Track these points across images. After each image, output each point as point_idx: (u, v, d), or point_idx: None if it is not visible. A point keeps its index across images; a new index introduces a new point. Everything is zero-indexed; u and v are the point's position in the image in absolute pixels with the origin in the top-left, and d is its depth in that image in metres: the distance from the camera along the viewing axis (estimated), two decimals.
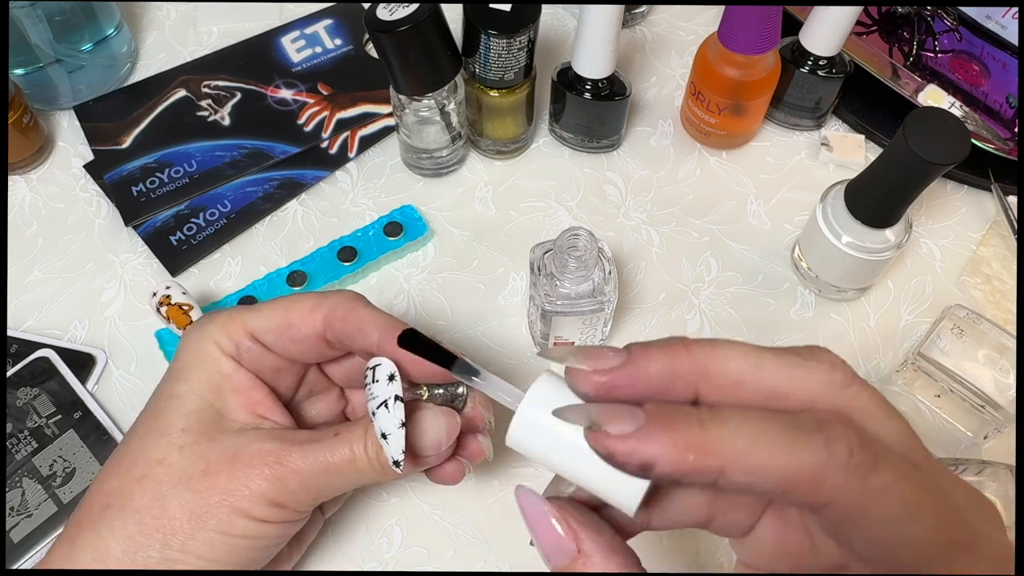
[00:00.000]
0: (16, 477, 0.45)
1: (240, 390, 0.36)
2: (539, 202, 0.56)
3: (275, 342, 0.36)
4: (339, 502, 0.41)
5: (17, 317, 0.51)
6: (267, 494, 0.33)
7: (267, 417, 0.36)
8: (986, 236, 0.55)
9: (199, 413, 0.35)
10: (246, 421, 0.35)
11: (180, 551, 0.32)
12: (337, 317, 0.36)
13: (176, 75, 0.61)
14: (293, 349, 0.37)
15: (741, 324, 0.51)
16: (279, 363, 0.37)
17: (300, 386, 0.39)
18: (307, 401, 0.40)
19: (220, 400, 0.35)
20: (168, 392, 0.35)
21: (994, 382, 0.45)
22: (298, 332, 0.36)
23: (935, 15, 0.59)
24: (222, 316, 0.37)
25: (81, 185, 0.57)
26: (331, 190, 0.57)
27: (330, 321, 0.36)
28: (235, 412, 0.35)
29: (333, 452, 0.34)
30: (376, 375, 0.33)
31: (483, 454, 0.38)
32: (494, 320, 0.51)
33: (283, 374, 0.38)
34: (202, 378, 0.35)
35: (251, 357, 0.36)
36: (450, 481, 0.37)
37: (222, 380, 0.35)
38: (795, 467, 0.23)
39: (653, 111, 0.60)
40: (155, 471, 0.33)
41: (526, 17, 0.48)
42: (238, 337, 0.36)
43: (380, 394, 0.33)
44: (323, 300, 0.36)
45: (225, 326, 0.36)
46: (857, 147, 0.58)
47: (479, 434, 0.37)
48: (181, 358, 0.36)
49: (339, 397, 0.41)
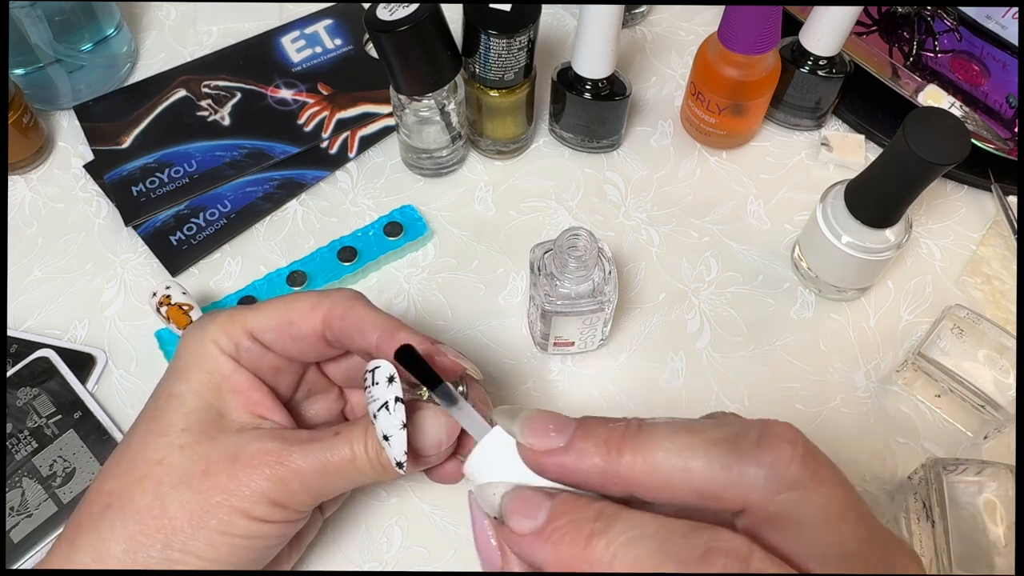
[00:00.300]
0: (16, 477, 0.45)
1: (239, 390, 0.36)
2: (539, 202, 0.56)
3: (275, 341, 0.36)
4: (338, 502, 0.41)
5: (17, 317, 0.51)
6: (268, 494, 0.33)
7: (266, 417, 0.36)
8: (986, 236, 0.55)
9: (199, 413, 0.35)
10: (246, 421, 0.35)
11: (181, 551, 0.32)
12: (336, 316, 0.36)
13: (176, 75, 0.61)
14: (293, 348, 0.37)
15: (741, 324, 0.51)
16: (278, 362, 0.37)
17: (299, 386, 0.39)
18: (306, 401, 0.40)
19: (220, 400, 0.35)
20: (168, 392, 0.35)
21: (994, 382, 0.45)
22: (298, 330, 0.36)
23: (935, 15, 0.59)
24: (221, 316, 0.37)
25: (81, 185, 0.57)
26: (331, 190, 0.57)
27: (329, 320, 0.36)
28: (235, 412, 0.35)
29: (333, 452, 0.34)
30: (376, 377, 0.33)
31: None
32: (494, 320, 0.51)
33: (282, 374, 0.38)
34: (202, 378, 0.35)
35: (250, 356, 0.36)
36: (449, 480, 0.37)
37: (221, 380, 0.35)
38: (696, 493, 0.25)
39: (653, 111, 0.60)
40: (155, 471, 0.33)
41: (526, 17, 0.48)
42: (237, 336, 0.36)
43: (380, 396, 0.33)
44: (323, 298, 0.36)
45: (224, 326, 0.36)
46: (857, 147, 0.58)
47: None
48: (181, 358, 0.36)
49: (338, 397, 0.41)
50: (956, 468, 0.43)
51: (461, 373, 0.37)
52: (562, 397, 0.49)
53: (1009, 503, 0.41)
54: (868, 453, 0.47)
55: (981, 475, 0.42)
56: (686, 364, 0.50)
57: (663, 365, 0.50)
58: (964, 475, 0.43)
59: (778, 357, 0.50)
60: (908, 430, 0.48)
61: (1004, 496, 0.42)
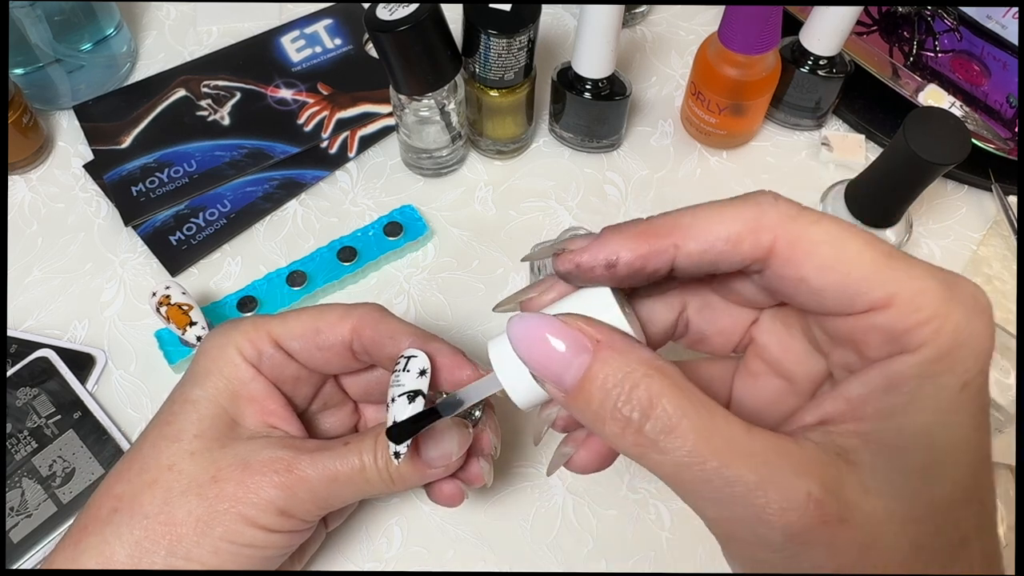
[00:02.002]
0: (16, 477, 0.45)
1: (256, 398, 0.36)
2: (539, 202, 0.56)
3: (300, 350, 0.36)
4: (343, 515, 0.41)
5: (17, 317, 0.51)
6: (275, 502, 0.33)
7: (279, 427, 0.36)
8: (986, 236, 0.55)
9: (212, 419, 0.35)
10: (258, 430, 0.35)
11: (185, 558, 0.32)
12: (367, 325, 0.36)
13: (176, 75, 0.61)
14: (318, 357, 0.36)
15: None
16: (299, 372, 0.37)
17: (316, 398, 0.39)
18: (321, 413, 0.40)
19: (235, 407, 0.35)
20: (184, 397, 0.35)
21: (994, 382, 0.45)
22: (325, 340, 0.36)
23: (935, 15, 0.59)
24: (246, 322, 0.36)
25: (81, 185, 0.57)
26: (331, 190, 0.57)
27: (359, 330, 0.36)
28: (248, 420, 0.35)
29: (343, 461, 0.34)
30: (408, 365, 0.34)
31: (482, 479, 0.37)
32: (494, 320, 0.51)
33: (301, 384, 0.38)
34: (219, 384, 0.35)
35: (272, 364, 0.36)
36: (447, 502, 0.37)
37: (239, 387, 0.35)
38: (737, 220, 0.25)
39: (653, 111, 0.60)
40: (165, 477, 0.33)
41: (526, 17, 0.48)
42: (261, 344, 0.36)
43: (407, 383, 0.33)
44: (352, 310, 0.36)
45: (249, 332, 0.36)
46: (857, 147, 0.58)
47: (481, 458, 0.37)
48: (201, 363, 0.36)
49: (353, 411, 0.41)
50: None
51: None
52: None
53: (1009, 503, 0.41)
54: None
55: None
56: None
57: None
58: None
59: None
60: None
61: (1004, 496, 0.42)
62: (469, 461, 0.37)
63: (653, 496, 0.46)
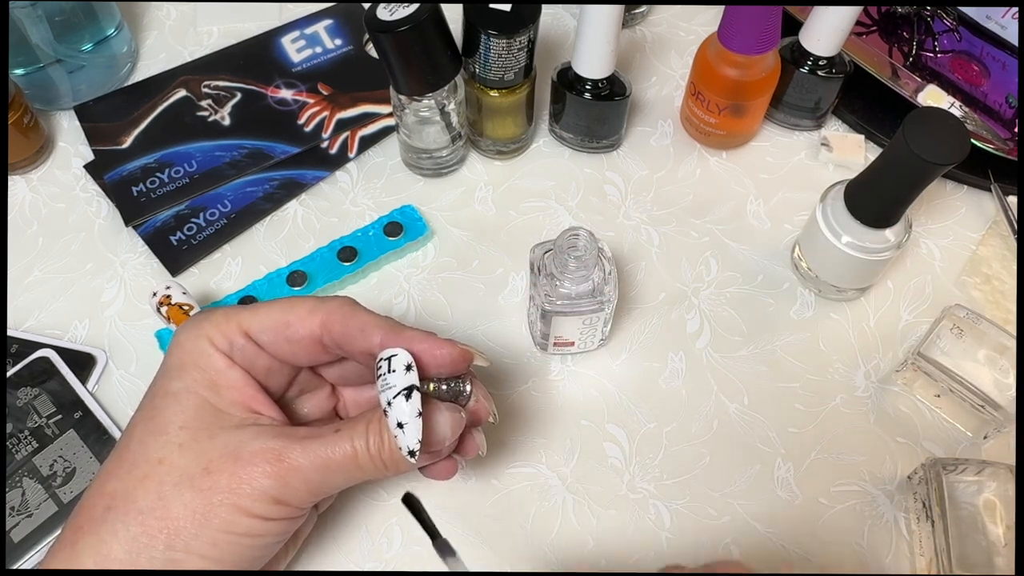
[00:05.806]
0: (16, 477, 0.45)
1: (235, 386, 0.36)
2: (539, 202, 0.56)
3: (270, 342, 0.36)
4: (332, 498, 0.42)
5: (17, 317, 0.51)
6: (269, 492, 0.33)
7: (261, 412, 0.36)
8: (986, 236, 0.55)
9: (196, 409, 0.35)
10: (242, 416, 0.35)
11: (184, 551, 0.32)
12: (336, 320, 0.36)
13: (176, 75, 0.61)
14: (287, 350, 0.37)
15: (741, 324, 0.51)
16: (271, 364, 0.37)
17: (292, 385, 0.39)
18: (299, 399, 0.40)
19: (216, 396, 0.35)
20: (163, 390, 0.35)
21: (994, 382, 0.45)
22: (295, 333, 0.36)
23: (935, 15, 0.59)
24: (216, 314, 0.37)
25: (81, 185, 0.57)
26: (331, 190, 0.57)
27: (328, 324, 0.36)
28: (230, 407, 0.35)
29: (335, 448, 0.34)
30: (392, 365, 0.34)
31: (476, 450, 0.38)
32: (494, 320, 0.51)
33: (274, 374, 0.38)
34: (196, 375, 0.35)
35: (244, 356, 0.36)
36: (443, 477, 0.38)
37: (216, 376, 0.35)
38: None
39: (653, 111, 0.60)
40: (156, 471, 0.33)
41: (526, 17, 0.48)
42: (232, 335, 0.36)
43: (398, 383, 0.33)
44: (321, 304, 0.36)
45: (219, 324, 0.36)
46: (857, 147, 0.58)
47: (475, 429, 0.38)
48: (174, 355, 0.36)
49: (330, 394, 0.41)
50: (956, 468, 0.43)
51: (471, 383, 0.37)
52: (562, 397, 0.49)
53: (1009, 503, 0.41)
54: (868, 453, 0.47)
55: (981, 475, 0.42)
56: (686, 364, 0.50)
57: (663, 365, 0.50)
58: (964, 475, 0.43)
59: (778, 357, 0.50)
60: (908, 430, 0.48)
61: (1004, 496, 0.42)
62: (464, 434, 0.37)
63: (653, 496, 0.46)
